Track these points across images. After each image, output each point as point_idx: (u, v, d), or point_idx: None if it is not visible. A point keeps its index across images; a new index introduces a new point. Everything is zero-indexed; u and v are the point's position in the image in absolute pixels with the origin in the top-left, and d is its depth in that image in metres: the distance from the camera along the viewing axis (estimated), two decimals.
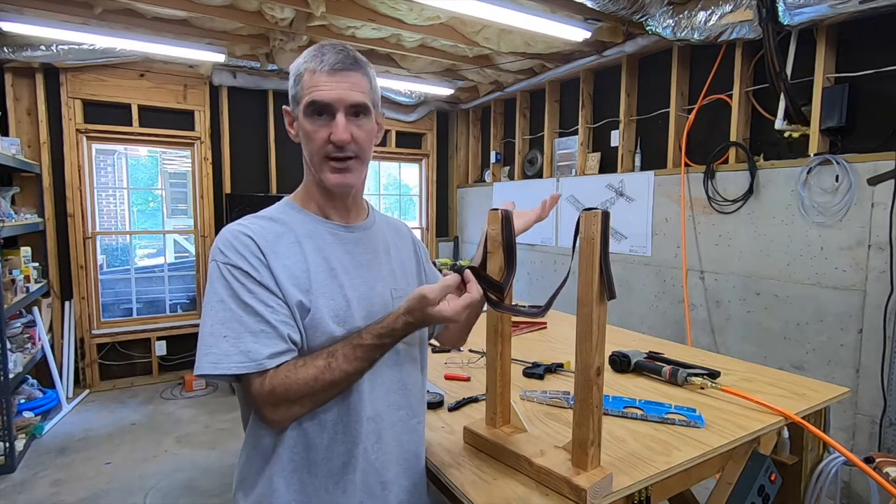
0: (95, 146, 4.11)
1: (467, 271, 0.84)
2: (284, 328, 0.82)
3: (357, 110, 0.86)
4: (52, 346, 3.68)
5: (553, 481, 0.91)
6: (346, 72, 0.84)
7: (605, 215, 0.84)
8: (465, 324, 1.12)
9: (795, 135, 2.58)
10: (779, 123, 2.59)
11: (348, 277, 0.91)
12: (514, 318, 2.35)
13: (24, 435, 3.06)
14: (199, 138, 4.26)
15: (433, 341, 1.18)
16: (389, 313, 0.92)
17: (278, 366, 0.80)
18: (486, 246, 0.99)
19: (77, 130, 3.84)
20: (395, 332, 0.83)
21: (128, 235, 5.45)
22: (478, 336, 1.95)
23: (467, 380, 1.55)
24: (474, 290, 0.82)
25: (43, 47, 3.37)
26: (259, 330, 0.80)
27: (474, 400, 1.37)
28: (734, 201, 2.85)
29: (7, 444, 2.79)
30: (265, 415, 0.82)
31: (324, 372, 0.80)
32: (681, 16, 2.68)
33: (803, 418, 1.23)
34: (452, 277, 0.82)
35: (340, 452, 0.88)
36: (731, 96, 2.88)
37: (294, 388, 0.79)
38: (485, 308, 1.05)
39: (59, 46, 3.38)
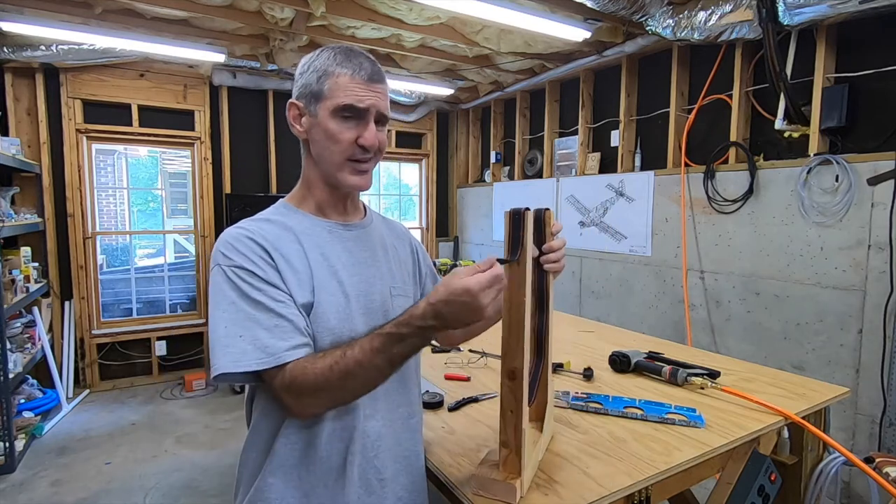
0: (95, 146, 4.10)
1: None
2: (299, 321, 0.82)
3: (381, 119, 0.92)
4: (51, 346, 3.67)
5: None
6: (379, 83, 0.90)
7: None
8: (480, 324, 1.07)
9: (795, 135, 2.58)
10: (779, 123, 2.59)
11: (347, 275, 0.92)
12: None
13: (24, 435, 3.06)
14: (199, 138, 4.26)
15: (434, 341, 1.18)
16: (387, 310, 0.94)
17: (297, 358, 0.80)
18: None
19: (77, 130, 3.84)
20: (412, 318, 0.77)
21: (128, 235, 5.45)
22: (477, 336, 1.95)
23: (467, 380, 1.55)
24: (499, 270, 0.79)
25: (43, 47, 3.36)
26: (273, 325, 0.80)
27: (474, 400, 1.37)
28: (734, 201, 2.85)
29: (7, 444, 2.79)
30: (289, 406, 0.81)
31: (338, 361, 0.78)
32: (681, 16, 2.68)
33: (803, 418, 1.23)
34: (485, 261, 0.79)
35: (339, 449, 0.88)
36: (731, 96, 2.88)
37: (311, 378, 0.78)
38: None
39: (59, 46, 3.37)
